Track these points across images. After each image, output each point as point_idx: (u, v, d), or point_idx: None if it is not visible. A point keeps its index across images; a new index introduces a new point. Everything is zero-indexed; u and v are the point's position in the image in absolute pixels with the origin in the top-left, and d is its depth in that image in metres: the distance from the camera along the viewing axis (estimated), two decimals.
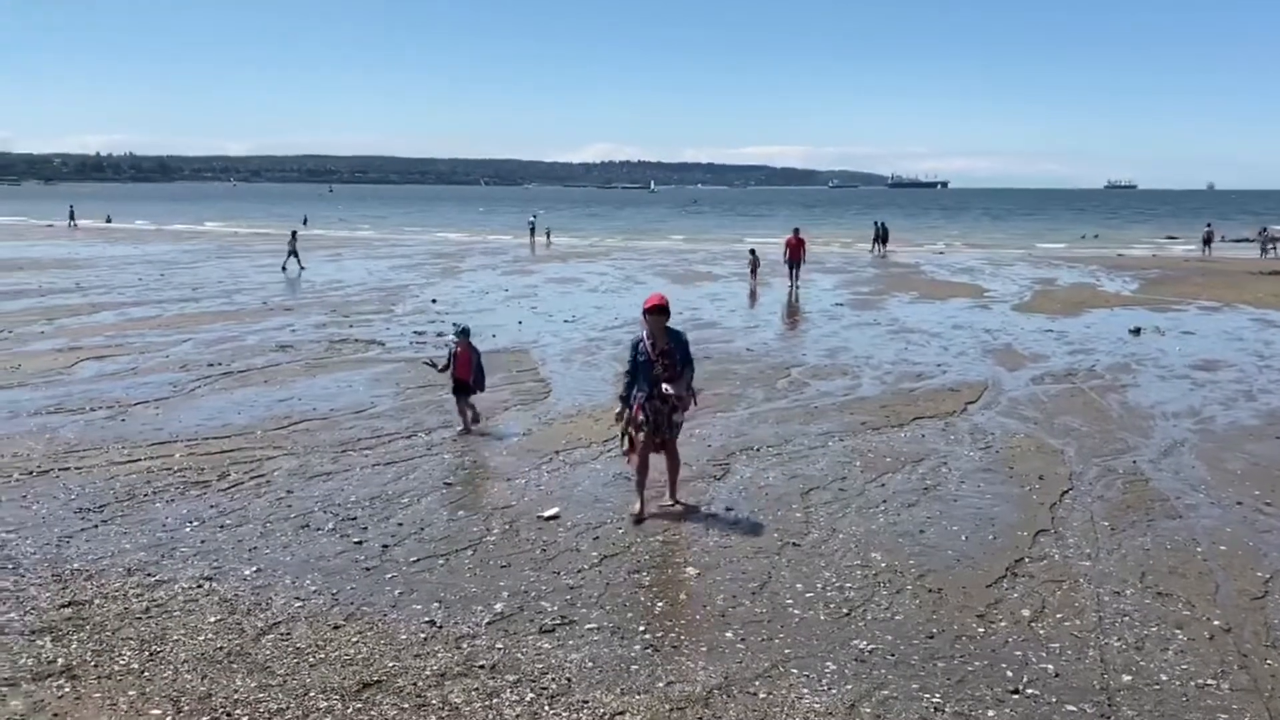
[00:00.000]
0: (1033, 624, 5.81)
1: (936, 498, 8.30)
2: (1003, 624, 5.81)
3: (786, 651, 5.42)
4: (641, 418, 7.66)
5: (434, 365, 11.17)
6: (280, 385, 12.88)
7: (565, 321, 19.58)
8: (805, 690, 4.97)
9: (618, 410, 7.97)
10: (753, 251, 29.34)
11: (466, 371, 10.53)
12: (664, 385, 7.54)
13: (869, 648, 5.48)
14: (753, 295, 25.37)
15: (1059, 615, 5.94)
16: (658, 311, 7.63)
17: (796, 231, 28.66)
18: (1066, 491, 8.49)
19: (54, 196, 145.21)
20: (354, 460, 9.33)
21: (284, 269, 30.91)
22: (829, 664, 5.27)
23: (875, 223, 46.45)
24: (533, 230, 50.37)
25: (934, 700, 4.90)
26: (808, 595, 6.21)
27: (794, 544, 7.13)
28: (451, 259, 38.04)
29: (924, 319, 20.49)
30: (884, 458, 9.55)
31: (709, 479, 8.79)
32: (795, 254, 27.23)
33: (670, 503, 7.96)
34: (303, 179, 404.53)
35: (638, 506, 7.75)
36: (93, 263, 33.65)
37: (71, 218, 62.70)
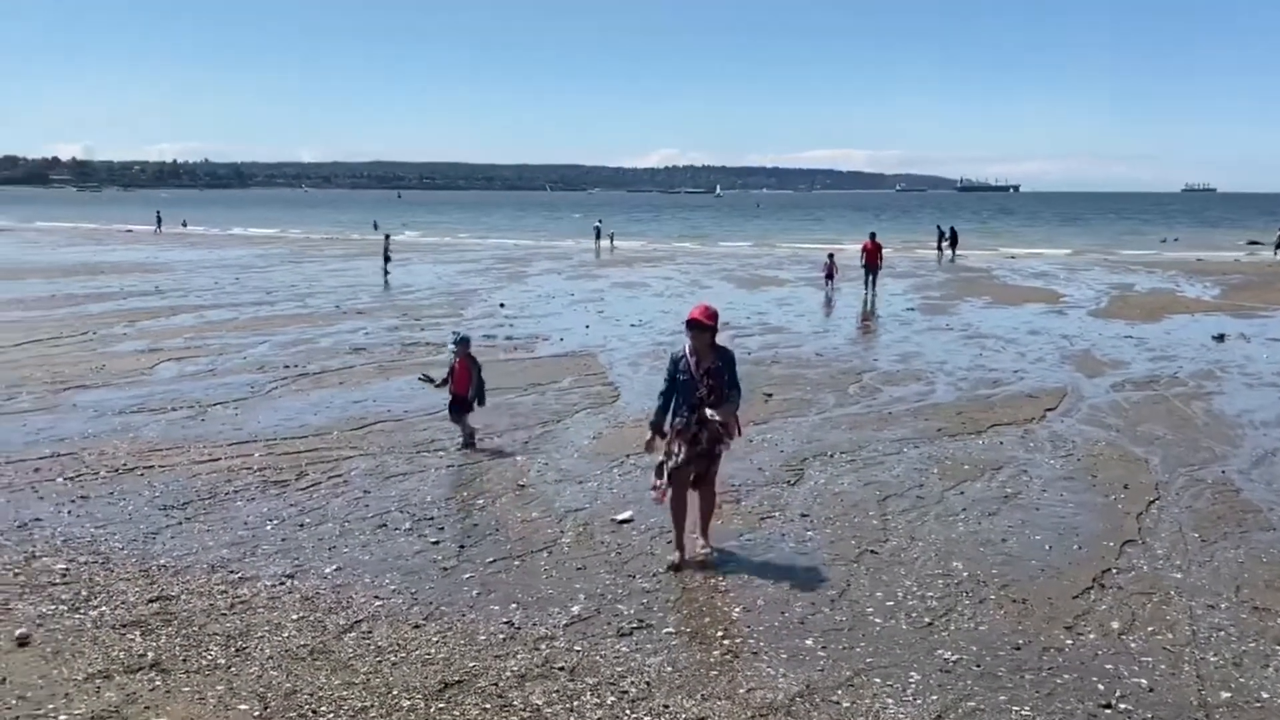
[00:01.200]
0: (1123, 637, 5.63)
1: (1018, 506, 8.11)
2: (1092, 636, 5.64)
3: (869, 660, 5.32)
4: (677, 447, 6.67)
5: (430, 380, 10.32)
6: (355, 387, 13.09)
7: (632, 326, 19.60)
8: (889, 700, 4.88)
9: (648, 438, 6.86)
10: (831, 256, 28.01)
11: (465, 386, 9.83)
12: (708, 410, 6.51)
13: (954, 658, 5.35)
14: (829, 301, 24.83)
15: (1150, 628, 5.75)
16: (701, 326, 6.61)
17: (873, 236, 27.55)
18: (1153, 501, 8.23)
19: (133, 202, 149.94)
20: (428, 461, 9.43)
21: (385, 272, 31.24)
22: (913, 674, 5.17)
23: (939, 227, 45.66)
24: (598, 235, 50.66)
25: (1023, 713, 4.77)
26: (888, 604, 6.10)
27: (872, 551, 7.01)
28: (518, 263, 38.37)
29: (998, 324, 20.10)
30: (962, 465, 9.36)
31: (783, 484, 8.70)
32: (872, 260, 26.37)
33: (703, 547, 6.85)
34: (372, 185, 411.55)
35: (676, 555, 6.73)
36: (170, 267, 34.62)
37: (159, 223, 64.78)
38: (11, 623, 5.57)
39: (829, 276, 26.84)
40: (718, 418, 6.56)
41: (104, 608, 5.89)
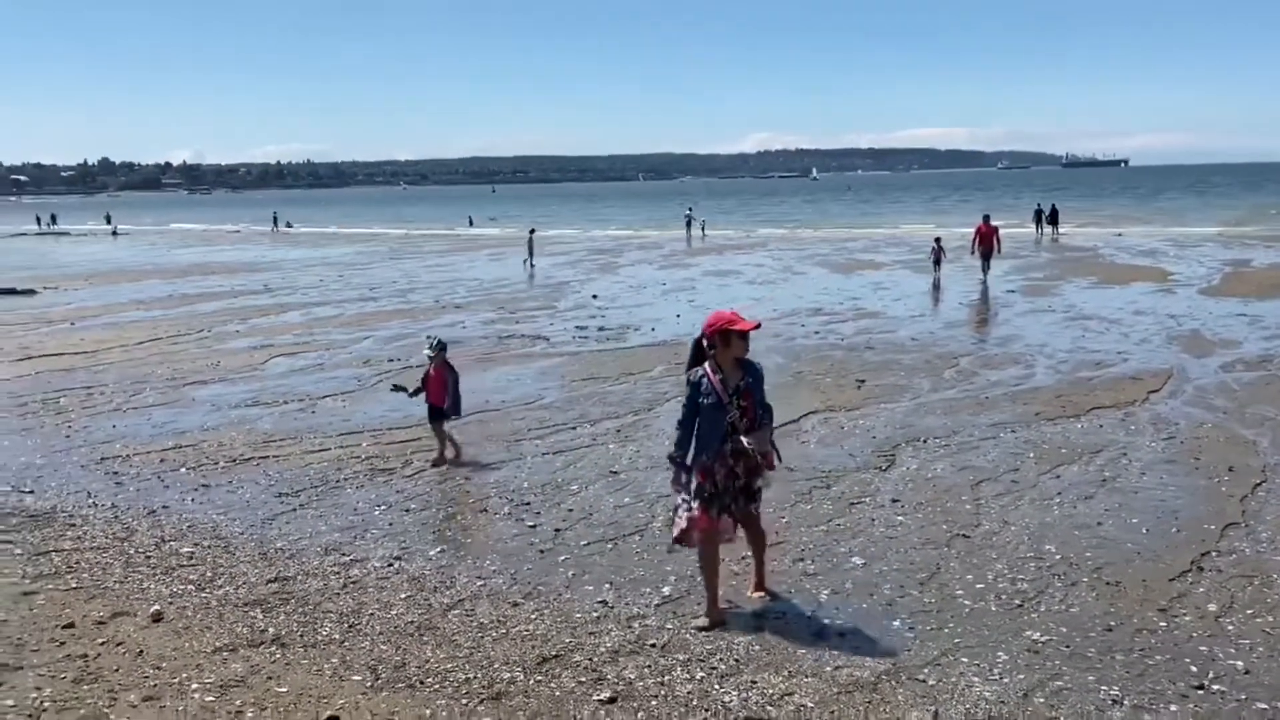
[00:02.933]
0: (1220, 619, 5.55)
1: (1115, 490, 7.98)
2: (1187, 619, 5.57)
3: (956, 641, 5.37)
4: (707, 485, 5.60)
5: (404, 390, 9.61)
6: None
7: None
8: (976, 678, 4.93)
9: (673, 477, 5.83)
10: (938, 240, 26.20)
11: (440, 395, 9.27)
12: (742, 438, 5.54)
13: (1042, 639, 5.36)
14: (936, 286, 23.84)
15: (1249, 611, 5.65)
16: (736, 336, 5.61)
17: (987, 219, 25.84)
18: (1259, 484, 8.00)
19: (240, 204, 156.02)
20: (525, 449, 9.75)
21: (526, 264, 32.07)
22: (1000, 654, 5.20)
23: (1038, 205, 44.33)
24: (689, 223, 50.76)
25: (1112, 693, 4.77)
26: (978, 586, 6.12)
27: (964, 535, 7.02)
28: (609, 254, 38.75)
29: (1102, 305, 19.55)
30: (1059, 449, 9.23)
31: (874, 470, 8.72)
32: (987, 243, 24.82)
33: (759, 595, 6.00)
34: (467, 180, 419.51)
35: (707, 617, 5.66)
36: (277, 266, 36.05)
37: (275, 223, 67.60)
38: (146, 601, 6.03)
39: (936, 261, 25.43)
40: (753, 445, 5.54)
41: (227, 587, 6.32)
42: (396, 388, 9.90)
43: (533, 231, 35.53)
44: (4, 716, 4.51)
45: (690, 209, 54.64)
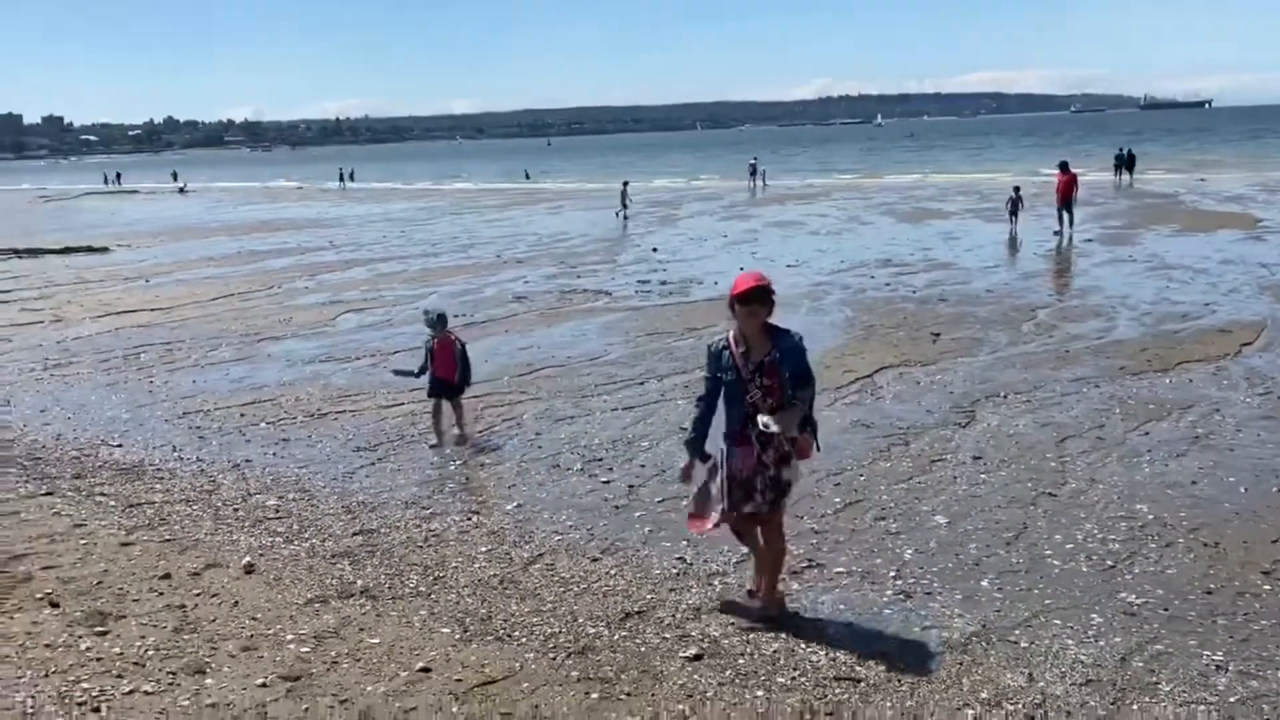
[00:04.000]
0: None
1: (1209, 447, 7.72)
2: None
3: (1047, 602, 5.25)
4: (722, 478, 4.96)
5: (409, 373, 8.88)
6: (520, 334, 13.56)
7: (788, 266, 19.40)
8: (1070, 641, 4.81)
9: (684, 464, 5.27)
10: (1016, 190, 24.41)
11: (450, 369, 8.60)
12: (761, 419, 4.74)
13: (1139, 601, 5.21)
14: (1013, 240, 22.54)
15: None
16: (753, 299, 4.78)
17: (1064, 166, 23.73)
18: None
19: (301, 161, 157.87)
20: (594, 405, 9.73)
21: (618, 214, 32.57)
22: (1094, 616, 5.07)
23: (1119, 150, 42.91)
24: (754, 173, 50.18)
25: (1215, 658, 4.61)
26: (1067, 547, 5.97)
27: (1050, 494, 6.85)
28: (668, 206, 38.43)
29: (1187, 254, 18.88)
30: (1146, 405, 8.95)
31: (953, 427, 8.54)
32: (1066, 193, 22.81)
33: (762, 605, 5.17)
34: (522, 134, 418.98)
35: (766, 600, 5.17)
36: (341, 222, 36.41)
37: (342, 179, 68.17)
38: (237, 553, 6.15)
39: (1014, 213, 23.85)
40: (774, 428, 4.69)
41: (314, 540, 6.42)
42: (399, 372, 9.22)
43: (626, 183, 35.48)
44: (114, 663, 4.63)
45: (755, 158, 53.94)
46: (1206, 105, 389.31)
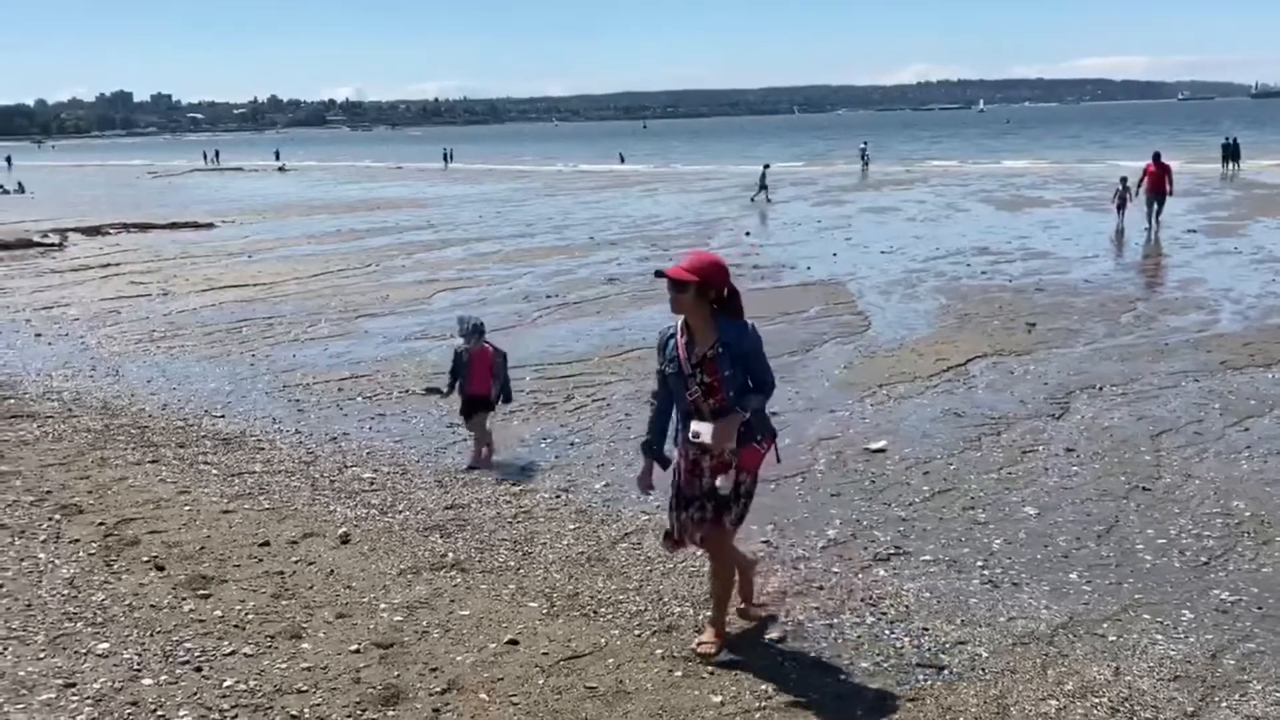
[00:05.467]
0: None
1: None
2: None
3: (1137, 596, 5.16)
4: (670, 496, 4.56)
5: (439, 391, 8.04)
6: (611, 316, 13.72)
7: (882, 253, 19.17)
8: (1159, 636, 4.73)
9: (641, 469, 4.71)
10: (1124, 180, 22.84)
11: (486, 383, 7.69)
12: (693, 427, 4.26)
13: (1232, 599, 5.09)
14: (1119, 233, 21.24)
15: None
16: (677, 283, 4.20)
17: (1157, 157, 22.45)
18: None
19: (399, 140, 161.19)
20: None
21: (753, 199, 32.46)
22: (1185, 612, 4.97)
23: (1227, 139, 41.12)
24: (863, 157, 49.74)
25: None
26: (1159, 541, 5.84)
27: (1143, 489, 6.70)
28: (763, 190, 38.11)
29: None
30: (1248, 400, 8.66)
31: (1046, 418, 8.39)
32: (1158, 184, 21.50)
33: (704, 645, 4.54)
34: (618, 116, 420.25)
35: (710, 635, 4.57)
36: (438, 201, 37.13)
37: (446, 160, 69.50)
38: (333, 523, 6.42)
39: (1121, 205, 22.29)
40: (704, 438, 4.18)
41: (407, 513, 6.66)
42: (431, 390, 8.43)
43: (766, 166, 35.75)
44: (215, 625, 4.91)
45: (865, 143, 53.44)
46: None
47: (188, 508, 6.67)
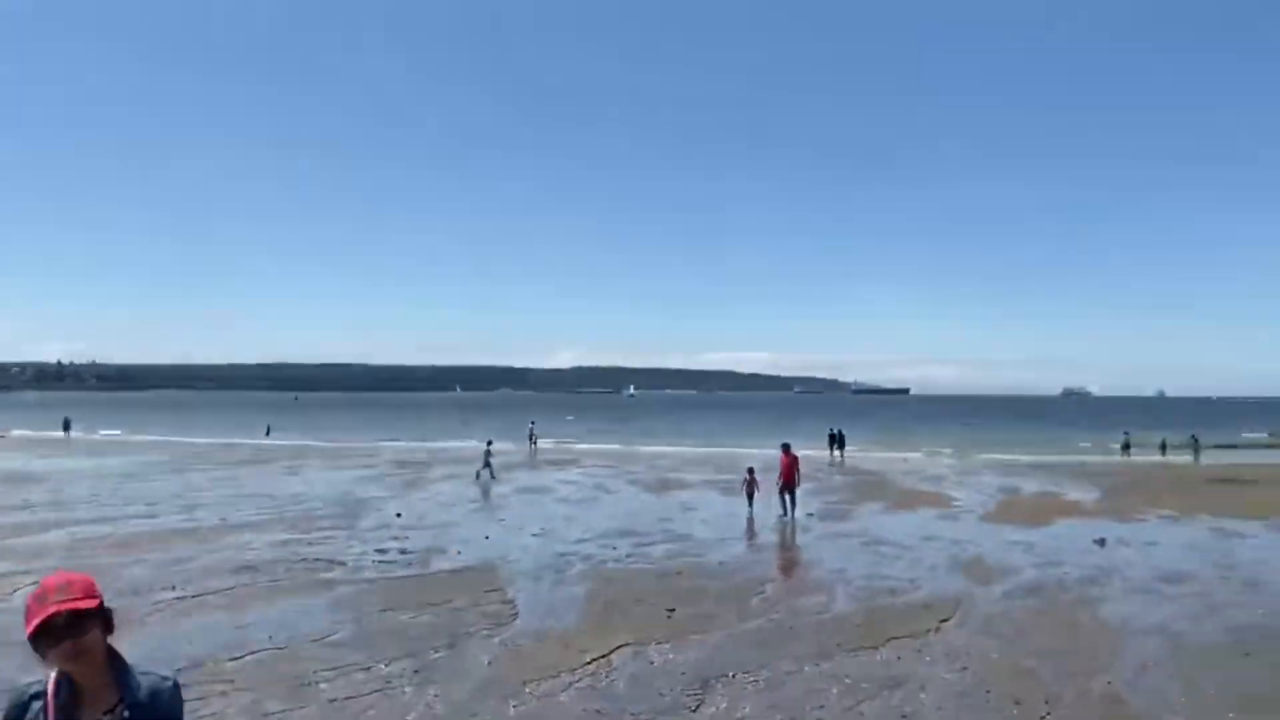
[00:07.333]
0: None
1: None
2: None
3: None
4: None
5: None
6: (237, 610, 12.48)
7: (534, 535, 19.34)
8: None
9: None
10: (751, 471, 24.27)
11: None
12: None
13: None
14: (750, 522, 21.74)
15: None
16: (80, 623, 2.91)
17: (786, 448, 23.84)
18: (1044, 716, 8.30)
19: (10, 407, 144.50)
20: (310, 696, 8.94)
21: (478, 476, 31.94)
22: None
23: (832, 429, 47.38)
24: (531, 437, 51.32)
25: None
26: None
27: None
28: (417, 468, 37.79)
29: (894, 530, 20.49)
30: (860, 683, 9.33)
31: (684, 711, 8.49)
32: (788, 476, 22.83)
33: None
34: (271, 387, 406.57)
35: None
36: (48, 476, 33.05)
37: (66, 427, 62.74)
38: None
39: (750, 493, 23.43)
40: None
41: None
42: None
43: (490, 443, 35.61)
44: None
45: (533, 422, 55.44)
46: (907, 392, 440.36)
47: None
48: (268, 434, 63.77)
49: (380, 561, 16.27)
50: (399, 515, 22.61)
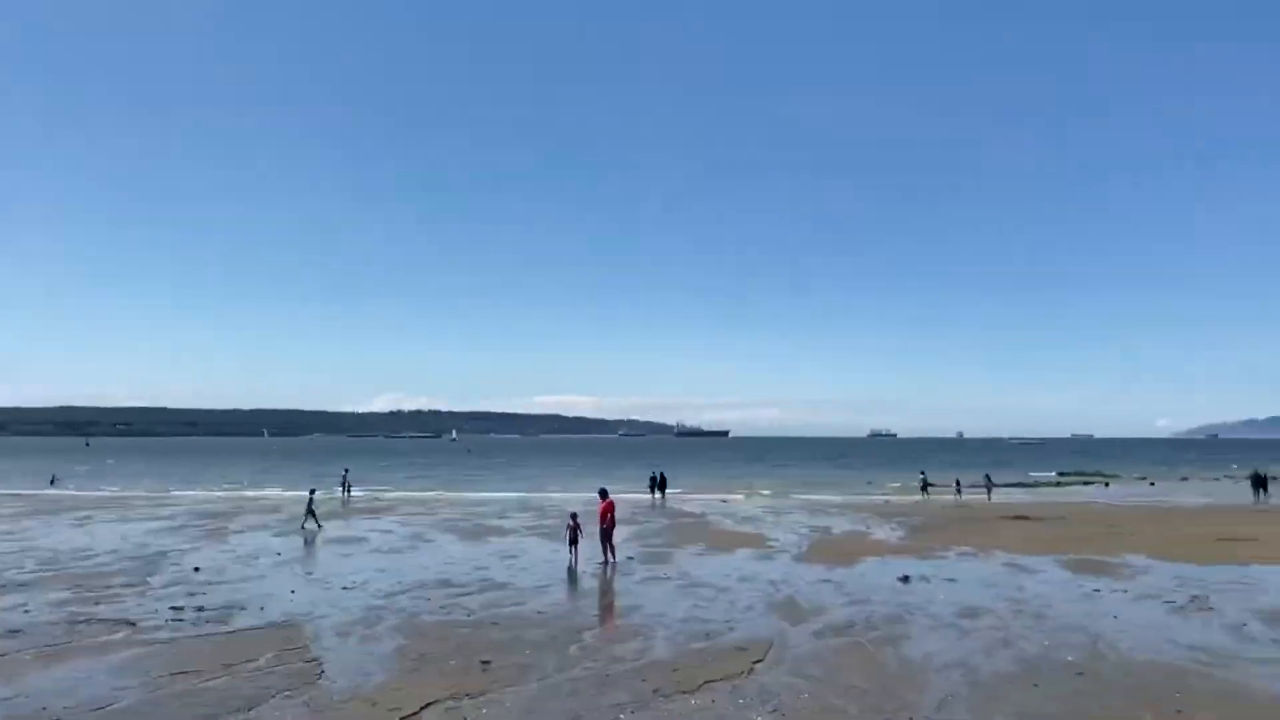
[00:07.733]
0: None
1: None
2: None
3: None
4: None
5: None
6: (3, 681, 11.31)
7: (344, 589, 18.53)
8: None
9: None
10: (574, 516, 23.68)
11: None
12: None
13: None
14: (571, 569, 21.36)
15: None
16: None
17: (603, 494, 23.84)
18: None
19: None
20: None
21: (303, 526, 30.98)
22: None
23: (654, 472, 48.16)
24: (344, 485, 48.99)
25: None
26: None
27: None
28: (220, 519, 35.65)
29: (712, 572, 20.81)
30: None
31: None
32: (606, 519, 22.66)
33: None
34: (58, 432, 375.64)
35: None
36: None
37: None
38: None
39: (573, 541, 22.65)
40: None
41: None
42: None
43: (313, 492, 33.74)
44: None
45: (346, 470, 52.97)
46: (725, 434, 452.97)
47: None
48: (52, 483, 58.78)
49: (174, 620, 15.18)
50: (197, 569, 21.22)
